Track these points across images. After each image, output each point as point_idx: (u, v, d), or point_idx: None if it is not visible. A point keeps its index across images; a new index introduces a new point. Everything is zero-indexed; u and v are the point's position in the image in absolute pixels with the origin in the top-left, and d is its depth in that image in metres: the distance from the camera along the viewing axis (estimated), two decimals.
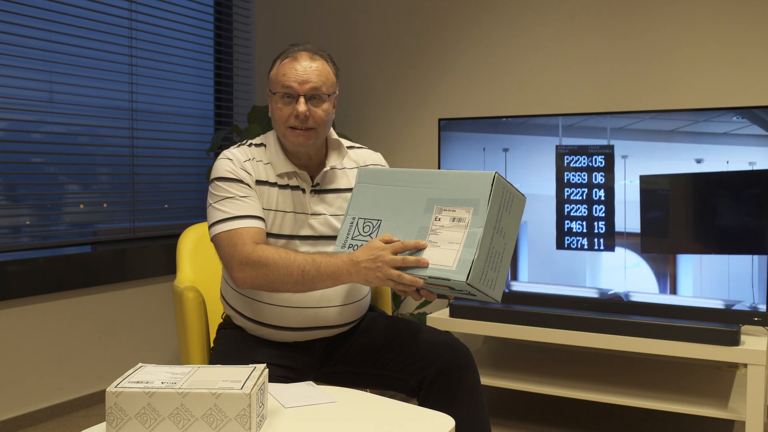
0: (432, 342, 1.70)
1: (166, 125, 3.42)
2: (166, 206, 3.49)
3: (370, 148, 1.89)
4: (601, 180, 2.58)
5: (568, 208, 2.64)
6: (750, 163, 2.36)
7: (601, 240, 2.59)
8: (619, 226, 2.56)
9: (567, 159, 2.63)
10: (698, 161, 2.44)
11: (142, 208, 3.32)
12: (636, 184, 2.53)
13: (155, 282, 3.24)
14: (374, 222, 1.56)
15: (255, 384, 1.20)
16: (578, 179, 2.62)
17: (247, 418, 1.16)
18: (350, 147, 1.83)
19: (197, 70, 3.61)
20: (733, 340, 2.28)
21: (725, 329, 2.29)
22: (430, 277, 1.43)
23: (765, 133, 2.34)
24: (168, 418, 1.16)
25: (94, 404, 2.97)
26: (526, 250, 2.71)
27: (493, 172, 1.44)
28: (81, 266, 2.93)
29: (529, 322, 2.58)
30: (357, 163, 1.81)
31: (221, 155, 1.72)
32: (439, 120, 2.85)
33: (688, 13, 2.83)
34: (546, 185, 2.66)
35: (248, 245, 1.59)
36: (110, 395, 1.17)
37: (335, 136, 1.79)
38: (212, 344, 1.84)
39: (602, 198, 2.58)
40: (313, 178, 1.74)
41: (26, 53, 2.82)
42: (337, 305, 1.71)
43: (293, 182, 1.72)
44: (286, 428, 1.26)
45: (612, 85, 2.96)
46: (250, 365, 1.30)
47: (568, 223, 2.64)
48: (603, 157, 2.58)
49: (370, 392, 1.58)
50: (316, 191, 1.74)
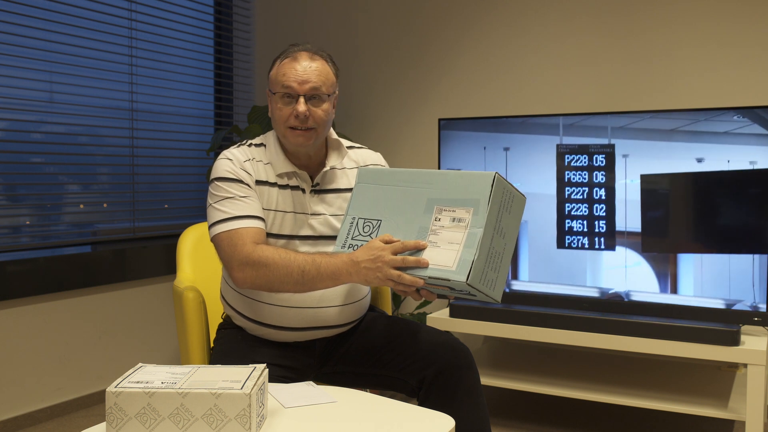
0: (432, 342, 1.70)
1: (166, 125, 3.42)
2: (166, 206, 3.49)
3: (370, 148, 1.89)
4: (601, 179, 2.58)
5: (568, 207, 2.63)
6: (751, 162, 2.36)
7: (602, 239, 2.59)
8: (619, 226, 2.56)
9: (568, 158, 2.63)
10: (699, 160, 2.44)
11: (142, 208, 3.32)
12: (637, 183, 2.52)
13: (155, 282, 3.24)
14: (374, 222, 1.56)
15: (255, 384, 1.20)
16: (579, 178, 2.61)
17: (247, 418, 1.16)
18: (350, 147, 1.83)
19: (197, 70, 3.61)
20: (733, 340, 2.28)
21: (725, 329, 2.29)
22: (430, 278, 1.43)
23: (766, 132, 2.34)
24: (168, 418, 1.16)
25: (94, 404, 2.97)
26: (527, 250, 2.71)
27: (493, 173, 1.43)
28: (81, 266, 2.93)
29: (529, 322, 2.58)
30: (357, 163, 1.81)
31: (221, 155, 1.72)
32: (439, 120, 2.85)
33: (688, 13, 2.83)
34: (546, 184, 2.66)
35: (248, 245, 1.59)
36: (110, 395, 1.17)
37: (335, 136, 1.79)
38: (212, 344, 1.84)
39: (603, 197, 2.58)
40: (313, 178, 1.74)
41: (26, 53, 2.82)
42: (337, 305, 1.71)
43: (293, 182, 1.72)
44: (286, 428, 1.26)
45: (612, 85, 2.96)
46: (250, 365, 1.30)
47: (568, 223, 2.64)
48: (604, 156, 2.58)
49: (370, 392, 1.58)
50: (316, 191, 1.73)
